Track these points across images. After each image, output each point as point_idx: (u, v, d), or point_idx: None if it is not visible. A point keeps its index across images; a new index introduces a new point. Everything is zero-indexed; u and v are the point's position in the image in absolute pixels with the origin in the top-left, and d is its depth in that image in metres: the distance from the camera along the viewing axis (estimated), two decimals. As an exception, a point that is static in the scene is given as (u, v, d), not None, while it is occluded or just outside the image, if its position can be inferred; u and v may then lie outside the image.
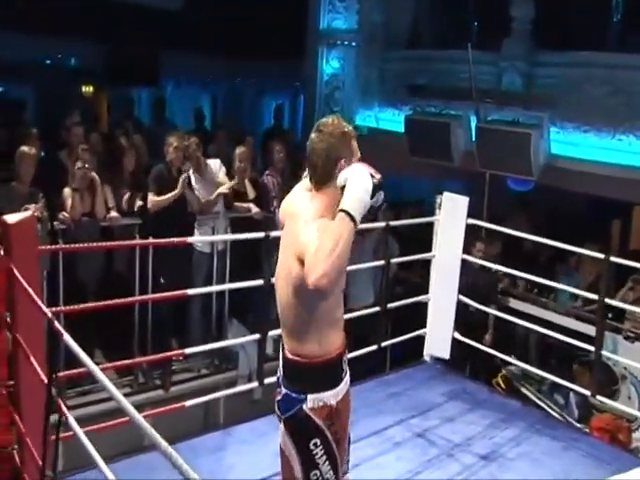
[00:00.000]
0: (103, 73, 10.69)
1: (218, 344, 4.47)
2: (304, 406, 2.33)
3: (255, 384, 4.26)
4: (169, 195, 5.46)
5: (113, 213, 5.42)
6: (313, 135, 2.39)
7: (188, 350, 4.06)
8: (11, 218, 3.04)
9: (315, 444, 2.34)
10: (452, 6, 9.10)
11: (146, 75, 10.50)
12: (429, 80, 8.70)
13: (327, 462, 2.37)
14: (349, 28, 9.65)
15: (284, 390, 2.39)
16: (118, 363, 4.13)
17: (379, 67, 9.61)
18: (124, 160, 5.86)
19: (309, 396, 2.33)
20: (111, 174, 5.74)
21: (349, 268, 6.37)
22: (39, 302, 2.71)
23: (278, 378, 2.46)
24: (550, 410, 5.57)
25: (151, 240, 5.05)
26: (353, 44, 9.64)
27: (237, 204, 5.99)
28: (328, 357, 2.35)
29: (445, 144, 7.85)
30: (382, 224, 5.75)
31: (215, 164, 5.99)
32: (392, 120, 9.32)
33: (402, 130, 8.54)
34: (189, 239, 4.60)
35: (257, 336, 4.17)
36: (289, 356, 2.38)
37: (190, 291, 3.96)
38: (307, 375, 2.35)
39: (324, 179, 2.38)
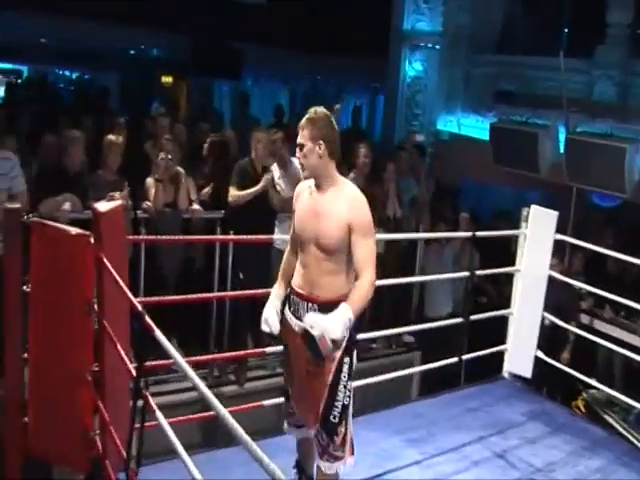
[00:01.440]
0: (185, 64, 10.89)
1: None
2: None
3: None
4: (251, 190, 5.47)
5: (195, 206, 5.48)
6: None
7: (268, 349, 4.05)
8: (102, 206, 3.10)
9: None
10: (544, 11, 8.89)
11: (227, 68, 10.64)
12: (517, 87, 8.53)
13: None
14: (433, 30, 9.55)
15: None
16: (196, 358, 4.16)
17: (464, 71, 9.48)
18: (207, 153, 5.90)
19: None
20: (193, 166, 5.80)
21: (428, 277, 6.33)
22: (128, 293, 2.74)
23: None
24: (637, 442, 5.33)
25: (232, 236, 5.08)
26: (437, 47, 9.54)
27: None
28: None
29: (532, 154, 7.65)
30: (466, 234, 5.65)
31: (298, 162, 5.95)
32: (475, 126, 9.18)
33: (485, 137, 8.40)
34: (273, 237, 4.58)
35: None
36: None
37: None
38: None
39: None
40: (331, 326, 2.65)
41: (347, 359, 2.86)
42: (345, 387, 2.87)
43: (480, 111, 9.11)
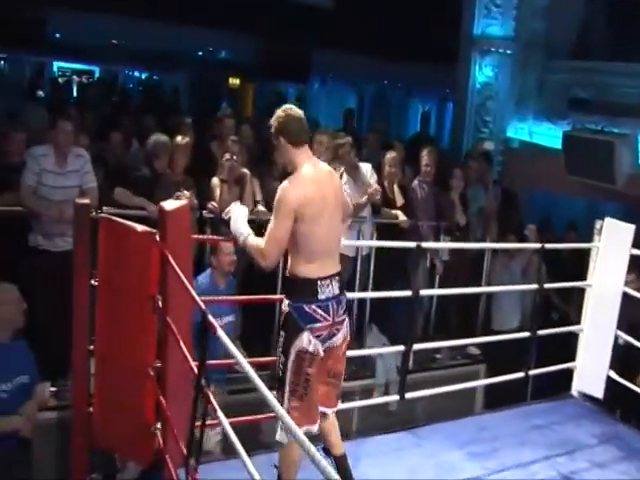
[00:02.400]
0: (252, 66, 11.04)
1: (357, 351, 4.42)
2: None
3: (395, 397, 4.18)
4: None
5: (260, 207, 5.53)
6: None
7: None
8: (168, 205, 3.16)
9: None
10: (623, 15, 8.63)
11: (295, 71, 10.74)
12: (593, 94, 8.32)
13: None
14: (505, 35, 9.40)
15: (345, 295, 3.23)
16: (259, 359, 4.20)
17: (537, 77, 9.30)
18: (275, 154, 5.94)
19: None
20: (261, 168, 5.86)
21: (494, 289, 6.21)
22: (192, 291, 2.78)
23: (339, 299, 3.16)
24: None
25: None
26: (509, 52, 9.38)
27: (385, 210, 5.96)
28: None
29: (607, 164, 7.45)
30: (534, 245, 5.53)
31: (367, 168, 5.95)
32: (547, 135, 9.00)
33: (557, 146, 8.22)
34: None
35: (401, 348, 4.09)
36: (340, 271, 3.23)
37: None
38: None
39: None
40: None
41: (282, 332, 3.18)
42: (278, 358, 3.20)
43: (553, 119, 8.92)
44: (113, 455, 3.90)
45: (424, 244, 4.13)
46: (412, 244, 4.21)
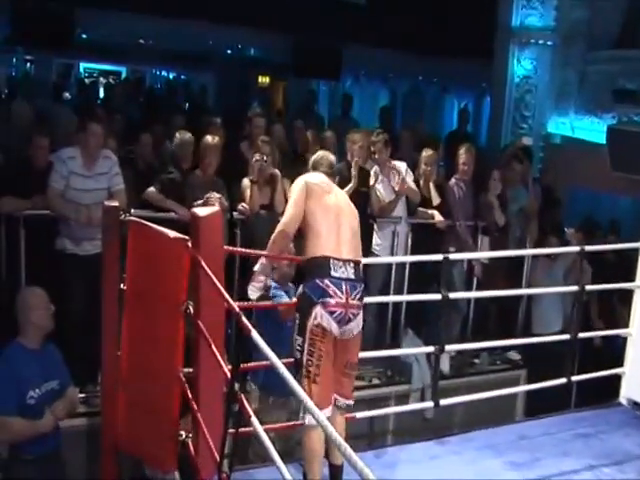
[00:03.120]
0: (282, 64, 11.07)
1: (389, 351, 4.43)
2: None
3: (430, 404, 4.18)
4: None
5: (291, 209, 5.55)
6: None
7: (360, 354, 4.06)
8: (201, 211, 3.20)
9: None
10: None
11: (327, 68, 10.75)
12: (639, 85, 8.16)
13: None
14: (545, 25, 9.28)
15: (361, 284, 3.41)
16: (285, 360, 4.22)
17: (579, 69, 9.17)
18: (307, 155, 5.97)
19: None
20: (293, 168, 5.89)
21: (536, 291, 6.16)
22: (226, 295, 2.81)
23: (352, 285, 3.33)
24: None
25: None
26: (549, 43, 9.27)
27: (421, 210, 5.95)
28: None
29: (657, 160, 7.32)
30: (576, 248, 5.48)
31: (402, 167, 5.95)
32: (590, 129, 8.87)
33: (602, 141, 8.09)
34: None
35: (430, 349, 4.09)
36: (358, 260, 3.46)
37: (366, 299, 3.93)
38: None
39: None
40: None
41: (296, 315, 3.39)
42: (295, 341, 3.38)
43: (597, 112, 8.79)
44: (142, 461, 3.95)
45: (452, 256, 4.14)
46: (439, 257, 4.20)
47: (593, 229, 7.34)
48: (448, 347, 4.36)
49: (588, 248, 5.00)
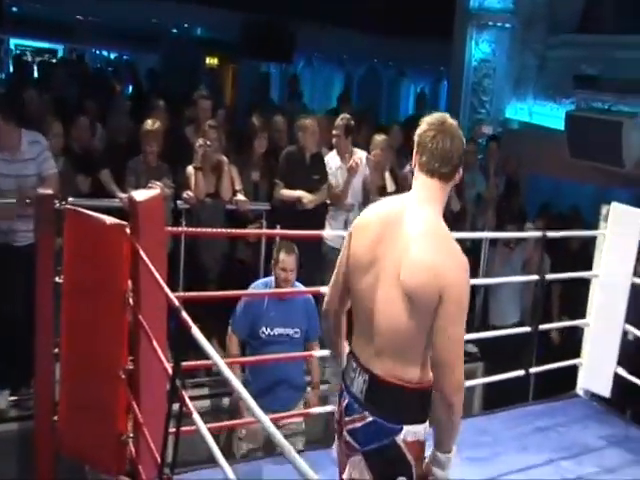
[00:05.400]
0: (232, 45, 10.95)
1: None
2: (397, 438, 2.30)
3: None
4: (297, 194, 5.53)
5: (240, 196, 5.53)
6: (445, 127, 2.40)
7: (319, 353, 4.05)
8: (139, 195, 3.14)
9: None
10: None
11: (279, 50, 10.68)
12: (601, 70, 8.30)
13: None
14: (504, 8, 9.38)
15: (371, 417, 2.33)
16: (244, 359, 4.21)
17: (538, 53, 9.29)
18: (255, 141, 5.94)
19: (405, 427, 2.30)
20: (240, 155, 5.85)
21: (492, 281, 6.24)
22: (165, 288, 2.77)
23: (349, 402, 2.40)
24: None
25: (278, 231, 5.11)
26: (508, 26, 9.37)
27: (375, 198, 5.95)
28: (427, 385, 2.33)
29: (615, 146, 7.45)
30: (537, 234, 5.56)
31: (362, 155, 5.96)
32: (549, 115, 9.01)
33: (561, 127, 8.21)
34: (323, 233, 4.60)
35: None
36: (386, 378, 2.32)
37: (323, 288, 3.92)
38: (407, 402, 2.32)
39: (448, 176, 2.43)
40: None
41: None
42: None
43: (556, 98, 8.92)
44: (83, 465, 3.88)
45: None
46: None
47: (553, 217, 7.45)
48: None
49: (550, 234, 5.06)
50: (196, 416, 2.59)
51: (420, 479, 2.36)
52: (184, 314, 2.57)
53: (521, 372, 4.62)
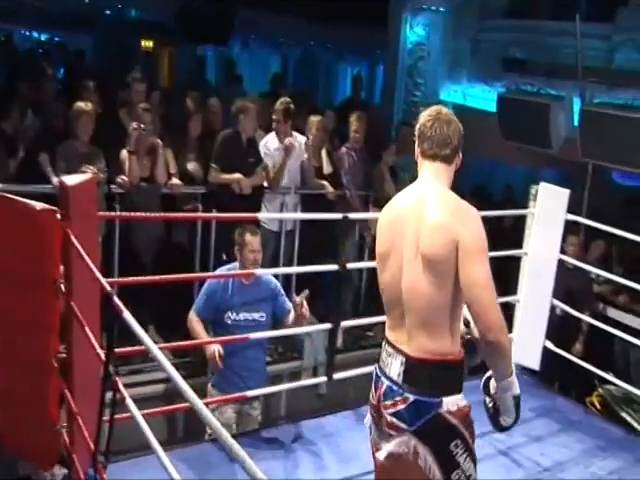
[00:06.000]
0: (167, 27, 10.73)
1: (282, 331, 4.41)
2: (441, 411, 2.42)
3: (323, 379, 4.20)
4: (235, 177, 5.46)
5: (175, 180, 5.44)
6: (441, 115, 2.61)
7: (252, 336, 4.02)
8: (70, 180, 3.05)
9: (456, 445, 2.46)
10: (561, -29, 8.78)
11: (215, 33, 10.50)
12: (529, 54, 8.42)
13: (468, 459, 2.51)
14: (438, -9, 9.43)
15: (411, 397, 2.42)
16: (178, 344, 4.14)
17: (471, 37, 9.37)
18: (190, 124, 5.84)
19: (444, 399, 2.42)
20: (175, 138, 5.75)
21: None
22: (97, 273, 2.70)
23: (389, 387, 2.48)
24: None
25: (215, 214, 5.05)
26: (442, 9, 9.42)
27: (310, 179, 5.95)
28: (458, 355, 2.47)
29: (543, 128, 7.58)
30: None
31: (301, 141, 5.93)
32: (482, 97, 9.10)
33: (493, 109, 8.32)
34: (258, 216, 4.55)
35: (328, 326, 4.11)
36: (421, 356, 2.42)
37: (258, 271, 3.91)
38: (441, 376, 2.44)
39: (449, 158, 2.61)
40: None
41: None
42: None
43: (488, 81, 9.02)
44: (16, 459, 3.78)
45: (352, 215, 4.13)
46: (339, 215, 4.19)
47: (485, 196, 7.56)
48: (344, 323, 4.38)
49: (482, 214, 5.10)
50: (130, 402, 2.54)
51: (471, 434, 2.54)
52: (116, 299, 2.51)
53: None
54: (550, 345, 4.92)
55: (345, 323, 4.11)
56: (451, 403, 2.43)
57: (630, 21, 7.46)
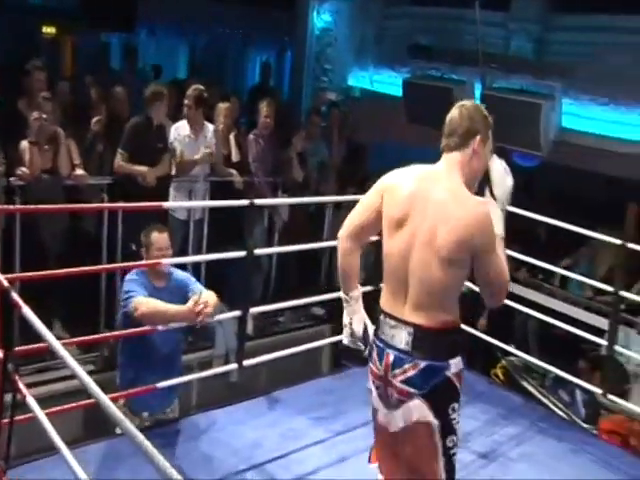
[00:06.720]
0: (70, 13, 10.32)
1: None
2: (448, 372, 2.56)
3: (234, 366, 4.17)
4: (140, 168, 5.35)
5: (79, 171, 5.26)
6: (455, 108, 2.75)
7: (160, 327, 3.93)
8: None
9: (453, 408, 2.59)
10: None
11: (119, 19, 10.17)
12: (433, 41, 8.52)
13: (458, 424, 2.62)
14: (344, -23, 9.43)
15: (422, 363, 2.53)
16: (81, 339, 4.01)
17: (377, 24, 9.42)
18: (93, 113, 5.66)
19: (452, 361, 2.56)
20: (78, 128, 5.56)
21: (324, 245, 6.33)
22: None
23: (397, 356, 2.56)
24: (554, 407, 5.54)
25: (121, 204, 4.92)
26: (348, -4, 9.44)
27: (219, 167, 5.87)
28: (458, 323, 2.62)
29: (446, 111, 7.68)
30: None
31: (210, 129, 5.84)
32: (389, 82, 9.18)
33: (399, 94, 8.40)
34: (164, 204, 4.44)
35: (237, 313, 4.07)
36: (429, 325, 2.52)
37: (165, 260, 3.81)
38: (447, 341, 2.56)
39: (458, 145, 2.65)
40: None
41: None
42: None
43: (394, 66, 9.09)
44: None
45: (257, 201, 4.09)
46: (245, 202, 4.14)
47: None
48: (253, 309, 4.34)
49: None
50: (32, 402, 2.46)
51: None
52: (14, 295, 2.42)
53: (364, 331, 4.71)
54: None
55: (254, 309, 4.06)
56: (455, 365, 2.57)
57: (523, 11, 7.66)
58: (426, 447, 2.58)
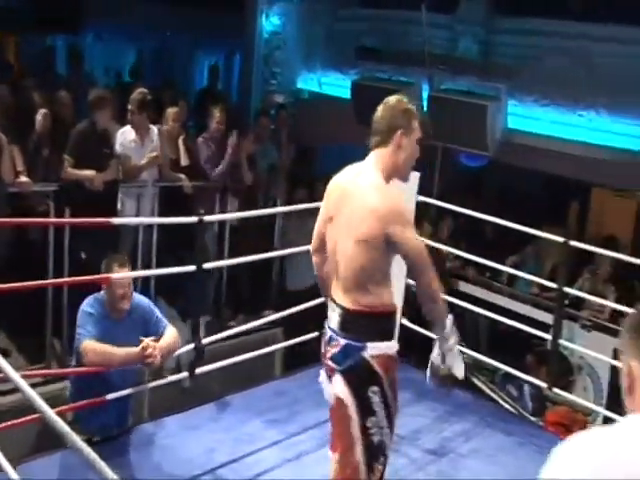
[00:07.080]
0: (13, 15, 10.08)
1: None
2: (364, 353, 2.70)
3: (185, 374, 4.13)
4: (88, 173, 5.27)
5: (23, 178, 5.15)
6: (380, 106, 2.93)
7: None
8: None
9: (373, 391, 2.71)
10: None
11: (64, 21, 9.98)
12: (380, 43, 8.60)
13: (383, 409, 2.73)
14: (291, -19, 9.44)
15: (343, 341, 2.74)
16: (37, 372, 3.92)
17: (325, 26, 9.46)
18: (35, 117, 5.55)
19: (369, 344, 2.70)
20: (21, 133, 5.45)
21: (288, 251, 6.36)
22: None
23: (330, 335, 2.80)
24: (503, 402, 5.64)
25: (67, 219, 4.85)
26: (295, -1, 9.45)
27: (167, 172, 5.81)
28: (384, 309, 2.76)
29: (394, 112, 7.76)
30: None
31: (155, 131, 5.77)
32: (337, 85, 9.22)
33: (347, 96, 8.44)
34: (113, 220, 4.33)
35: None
36: (353, 307, 2.73)
37: (115, 275, 3.72)
38: (367, 324, 2.73)
39: (381, 142, 2.84)
40: None
41: None
42: None
43: (342, 68, 9.14)
44: None
45: (206, 217, 4.11)
46: (194, 219, 4.08)
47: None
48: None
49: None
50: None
51: (391, 388, 2.75)
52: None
53: (316, 334, 4.72)
54: (407, 322, 5.06)
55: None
56: (374, 348, 2.69)
57: (468, 13, 7.79)
58: (341, 421, 2.76)
